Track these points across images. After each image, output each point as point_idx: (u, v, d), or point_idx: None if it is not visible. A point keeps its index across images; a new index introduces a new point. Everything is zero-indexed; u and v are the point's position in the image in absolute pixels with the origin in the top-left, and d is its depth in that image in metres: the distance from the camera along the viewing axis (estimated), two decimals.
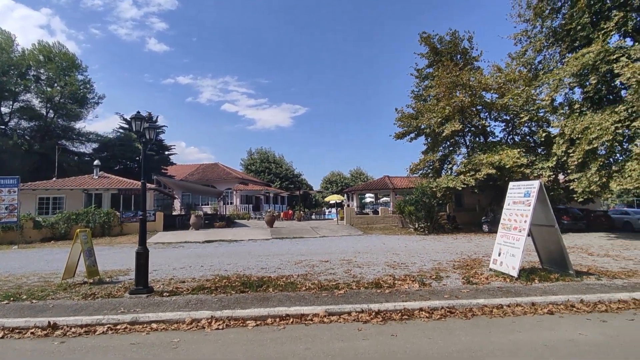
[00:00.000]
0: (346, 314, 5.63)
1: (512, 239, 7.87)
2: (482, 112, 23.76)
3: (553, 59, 20.07)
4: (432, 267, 9.26)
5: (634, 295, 6.05)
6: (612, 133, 14.53)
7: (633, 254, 11.13)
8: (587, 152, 15.66)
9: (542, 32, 19.57)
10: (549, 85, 18.22)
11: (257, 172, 57.84)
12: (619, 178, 14.87)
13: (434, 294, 6.48)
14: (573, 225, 20.03)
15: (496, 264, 8.21)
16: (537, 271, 7.93)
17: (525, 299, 6.02)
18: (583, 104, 17.47)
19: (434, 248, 13.77)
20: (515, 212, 8.07)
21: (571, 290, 6.43)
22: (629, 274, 7.84)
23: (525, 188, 8.05)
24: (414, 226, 21.82)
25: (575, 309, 5.69)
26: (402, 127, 25.23)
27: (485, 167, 19.21)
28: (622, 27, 15.74)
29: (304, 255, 12.14)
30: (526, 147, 21.43)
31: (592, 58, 15.40)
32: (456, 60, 25.16)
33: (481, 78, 22.60)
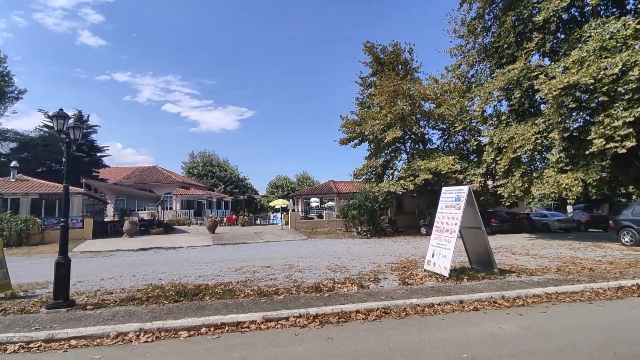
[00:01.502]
0: (284, 319, 5.57)
1: (444, 240, 8.31)
2: (422, 121, 25.04)
3: (484, 73, 21.61)
4: (372, 270, 9.50)
5: (547, 290, 6.66)
6: (533, 143, 15.94)
7: (549, 253, 12.30)
8: (512, 160, 17.05)
9: (474, 48, 21.01)
10: (480, 97, 19.60)
11: (199, 175, 55.84)
12: (539, 184, 16.38)
13: (372, 296, 6.63)
14: (500, 227, 21.75)
15: (430, 265, 8.62)
16: (467, 271, 8.45)
17: (454, 297, 6.37)
18: (509, 116, 18.99)
19: (375, 251, 14.17)
20: (447, 215, 8.53)
21: (495, 288, 6.93)
22: (543, 271, 8.64)
23: (456, 193, 8.54)
24: (357, 230, 22.33)
25: (497, 305, 6.13)
26: (346, 133, 25.83)
27: (423, 172, 20.27)
28: (541, 47, 17.40)
29: (245, 262, 11.87)
30: (460, 154, 22.90)
31: (517, 74, 16.81)
32: (398, 70, 26.30)
33: (420, 88, 23.86)
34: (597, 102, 14.28)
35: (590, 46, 14.29)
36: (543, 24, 16.64)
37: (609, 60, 13.60)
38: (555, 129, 15.29)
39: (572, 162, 15.55)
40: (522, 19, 17.41)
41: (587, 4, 15.53)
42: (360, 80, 28.30)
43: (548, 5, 15.61)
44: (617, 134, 13.30)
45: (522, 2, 17.29)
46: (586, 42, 14.79)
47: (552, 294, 6.55)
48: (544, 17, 15.82)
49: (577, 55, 14.55)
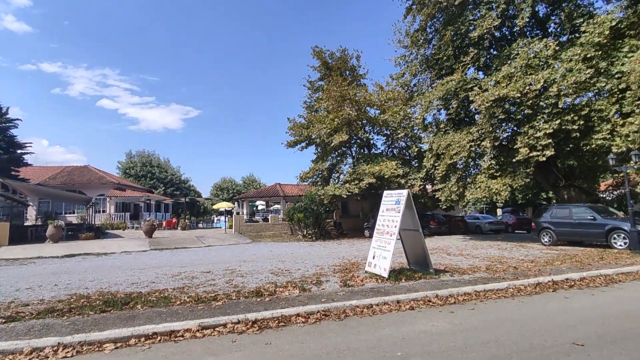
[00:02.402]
0: (221, 326, 5.36)
1: (385, 242, 8.53)
2: (367, 126, 25.75)
3: (425, 83, 22.69)
4: (315, 273, 9.50)
5: (476, 288, 7.09)
6: (467, 150, 17.04)
7: (480, 253, 13.16)
8: (449, 166, 18.10)
9: (417, 58, 22.02)
10: (421, 105, 20.60)
11: (137, 176, 52.68)
12: (472, 188, 17.55)
13: (313, 299, 6.61)
14: (437, 229, 22.97)
15: (371, 266, 8.81)
16: (405, 271, 8.75)
17: (392, 298, 6.54)
18: (447, 124, 20.16)
19: (319, 254, 14.24)
20: (388, 218, 8.78)
21: (430, 287, 7.23)
22: (474, 270, 9.21)
23: (396, 196, 8.82)
24: (303, 233, 22.36)
25: (431, 304, 6.39)
26: (294, 136, 25.84)
27: (367, 176, 20.84)
28: (476, 61, 18.70)
29: (184, 267, 11.33)
30: (402, 159, 23.88)
31: (454, 85, 17.89)
32: (345, 75, 26.87)
33: (366, 94, 24.55)
34: (523, 114, 15.60)
35: (517, 63, 15.61)
36: (478, 40, 17.88)
37: (533, 77, 14.94)
38: (487, 137, 16.47)
39: (501, 169, 16.85)
40: (460, 34, 18.59)
41: (516, 24, 16.96)
42: (308, 84, 28.53)
43: (482, 23, 16.81)
44: (539, 144, 14.65)
45: (460, 18, 18.47)
46: (514, 59, 16.13)
47: (480, 292, 6.97)
48: (479, 33, 17.01)
49: (506, 71, 15.82)
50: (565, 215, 15.08)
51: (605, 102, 14.25)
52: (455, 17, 18.73)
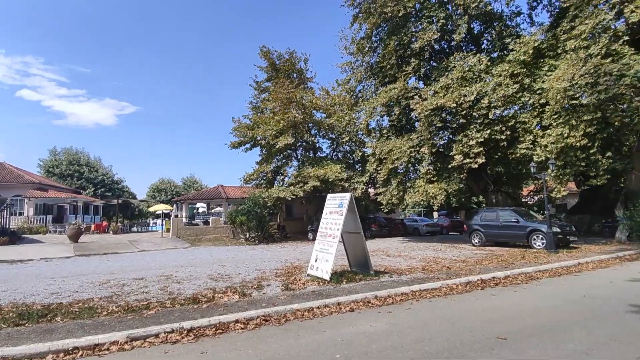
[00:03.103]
0: (153, 336, 5.02)
1: (327, 245, 8.59)
2: (313, 129, 25.92)
3: (370, 90, 23.30)
4: (256, 277, 9.30)
5: (412, 288, 7.37)
6: (408, 156, 17.79)
7: (417, 254, 13.77)
8: (390, 170, 18.77)
9: (362, 65, 22.56)
10: (366, 111, 21.16)
11: (62, 176, 48.22)
12: (411, 192, 18.37)
13: (253, 304, 6.45)
14: (379, 231, 23.71)
15: (313, 269, 8.81)
16: (346, 273, 8.88)
17: (332, 300, 6.58)
18: (389, 130, 20.88)
19: (262, 257, 14.00)
20: (331, 220, 8.86)
21: (370, 288, 7.39)
22: (411, 271, 9.60)
23: (339, 199, 8.94)
24: (245, 236, 21.88)
25: (371, 305, 6.53)
26: (238, 136, 25.30)
27: (312, 179, 20.97)
28: (417, 71, 19.62)
29: (114, 274, 10.51)
30: (347, 163, 24.36)
31: (397, 93, 18.60)
32: (292, 78, 26.86)
33: (313, 98, 24.74)
34: (458, 123, 16.64)
35: (454, 75, 16.64)
36: (419, 51, 18.79)
37: (467, 89, 16.00)
38: (426, 144, 17.34)
39: (438, 174, 17.83)
40: (403, 45, 19.40)
41: (453, 39, 18.08)
42: (254, 85, 28.13)
43: (424, 36, 17.69)
44: (472, 152, 15.71)
45: (403, 29, 19.29)
46: (451, 71, 17.16)
47: (416, 292, 7.26)
48: (420, 45, 17.88)
49: (444, 82, 16.79)
50: (493, 218, 16.30)
51: (529, 115, 15.66)
52: (399, 28, 19.53)
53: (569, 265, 10.21)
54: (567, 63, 13.75)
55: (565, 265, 10.14)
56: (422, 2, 19.22)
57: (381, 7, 18.70)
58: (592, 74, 12.70)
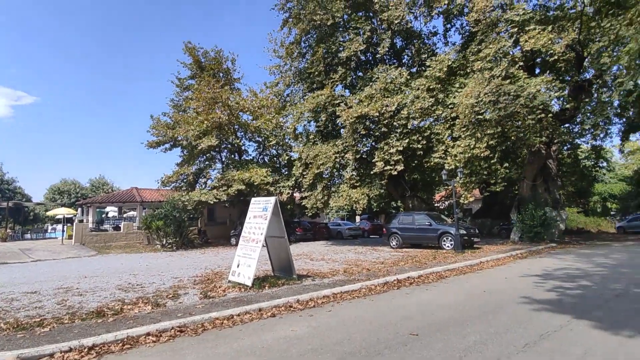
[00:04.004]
0: (47, 356, 4.43)
1: (250, 250, 8.37)
2: (239, 132, 25.29)
3: (298, 95, 23.37)
4: (172, 285, 8.73)
5: (334, 291, 7.51)
6: (333, 161, 18.23)
7: (340, 257, 14.11)
8: (316, 175, 19.05)
9: (291, 70, 22.58)
10: (293, 116, 21.23)
11: None
12: (336, 197, 18.84)
13: (167, 315, 6.03)
14: (303, 235, 23.89)
15: (235, 275, 8.53)
16: (269, 278, 8.74)
17: (254, 306, 6.41)
18: (316, 135, 21.20)
19: (180, 264, 13.21)
20: (255, 225, 8.67)
21: (292, 293, 7.35)
22: (333, 273, 9.79)
23: (264, 203, 8.78)
24: (162, 242, 20.48)
25: (293, 309, 6.49)
26: (157, 135, 23.71)
27: (237, 182, 20.42)
28: (343, 80, 20.24)
29: (0, 288, 9.08)
30: (273, 167, 24.19)
31: (324, 100, 18.97)
32: (219, 77, 25.95)
33: (240, 100, 24.17)
34: (380, 131, 17.49)
35: (377, 86, 17.47)
36: (346, 61, 19.41)
37: (389, 99, 16.91)
38: (350, 150, 17.94)
39: (360, 180, 18.55)
40: (331, 53, 19.90)
41: (378, 52, 18.98)
42: (177, 81, 26.57)
43: (350, 46, 18.33)
44: (392, 159, 16.62)
45: (332, 38, 19.80)
46: (375, 82, 18.00)
47: (338, 294, 7.41)
48: (347, 55, 18.48)
49: (368, 92, 17.54)
50: (409, 221, 17.39)
51: (442, 127, 17.06)
52: (328, 36, 20.01)
53: (473, 264, 11.27)
54: (475, 82, 15.28)
55: (469, 264, 11.18)
56: (350, 14, 19.94)
57: (311, 14, 19.01)
58: (494, 92, 14.28)
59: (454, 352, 4.25)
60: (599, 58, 16.14)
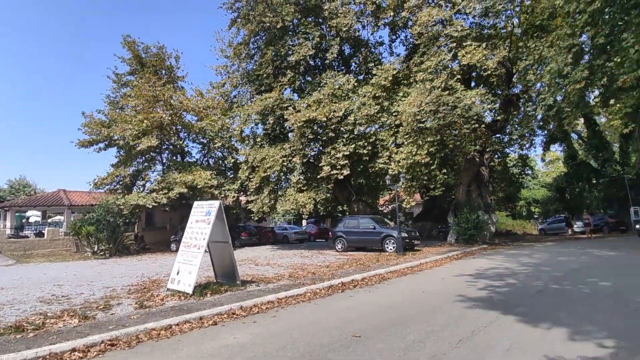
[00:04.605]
0: None
1: (191, 256, 8.03)
2: (182, 132, 24.28)
3: (245, 96, 22.91)
4: (103, 296, 8.10)
5: (278, 296, 7.42)
6: (280, 165, 18.10)
7: (285, 261, 14.01)
8: (263, 179, 18.81)
9: (238, 70, 22.09)
10: (240, 118, 20.84)
11: None
12: (282, 201, 18.73)
13: (97, 327, 5.58)
14: (249, 240, 23.42)
15: (174, 283, 8.12)
16: (211, 285, 8.42)
17: (194, 315, 6.14)
18: (263, 138, 20.95)
19: (113, 273, 12.31)
20: (197, 230, 8.33)
21: (235, 299, 7.14)
22: (278, 278, 9.68)
23: (207, 207, 8.48)
24: (93, 249, 18.97)
25: (235, 316, 6.30)
26: (90, 134, 22.03)
27: (179, 185, 19.55)
28: (292, 84, 20.24)
29: None
30: (218, 170, 23.50)
31: (272, 103, 18.81)
32: (161, 75, 24.78)
33: (184, 99, 23.21)
34: (327, 136, 17.68)
35: (326, 91, 17.70)
36: (295, 65, 19.43)
37: (336, 105, 17.19)
38: (298, 154, 17.96)
39: (307, 184, 18.63)
40: (280, 56, 19.82)
41: (327, 58, 19.25)
42: (114, 77, 24.94)
43: (300, 50, 18.40)
44: (339, 164, 16.88)
45: (281, 41, 19.74)
46: (323, 87, 18.23)
47: (282, 299, 7.33)
48: (296, 59, 18.53)
49: (316, 97, 17.71)
50: (354, 225, 17.74)
51: (386, 133, 17.68)
52: (277, 39, 19.92)
53: (413, 266, 11.76)
54: (417, 91, 16.04)
55: (410, 266, 11.65)
56: (300, 19, 20.04)
57: (260, 15, 18.83)
58: (435, 103, 15.08)
59: (394, 351, 4.37)
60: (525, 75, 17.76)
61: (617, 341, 4.42)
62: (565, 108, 15.04)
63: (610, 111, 21.17)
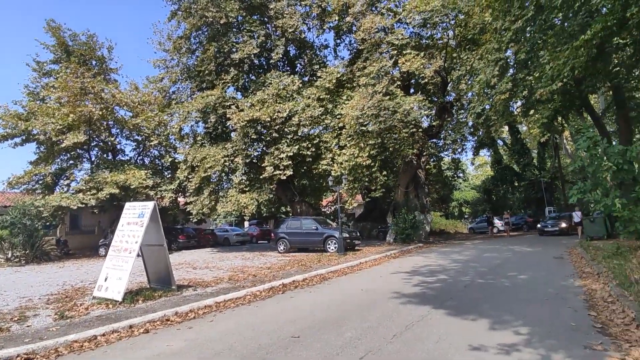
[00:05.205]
0: None
1: (122, 261, 7.52)
2: (114, 128, 22.65)
3: (185, 93, 21.84)
4: (18, 307, 7.28)
5: (217, 300, 7.18)
6: (222, 165, 17.59)
7: (225, 264, 13.62)
8: (203, 179, 18.16)
9: (178, 65, 21.05)
10: (180, 115, 19.92)
11: None
12: (224, 202, 18.22)
13: (12, 341, 5.05)
14: (187, 243, 22.46)
15: (101, 290, 7.54)
16: (144, 291, 7.93)
17: (123, 323, 5.74)
18: (204, 137, 20.18)
19: (29, 281, 11.10)
20: (128, 233, 7.83)
21: (170, 305, 6.79)
22: (217, 282, 9.37)
23: (140, 209, 8.00)
24: (7, 256, 16.93)
25: (170, 322, 5.99)
26: (4, 127, 19.71)
27: (109, 186, 18.21)
28: (235, 82, 19.72)
29: None
30: (154, 169, 22.23)
31: (214, 100, 18.19)
32: (91, 65, 22.94)
33: (117, 92, 21.64)
34: (271, 137, 17.51)
35: (270, 91, 17.54)
36: (239, 63, 18.99)
37: (281, 105, 17.11)
38: (240, 154, 17.59)
39: (250, 185, 18.32)
40: (223, 53, 19.25)
41: (272, 57, 19.04)
42: (35, 65, 22.56)
43: (244, 48, 18.02)
44: (282, 164, 16.81)
45: (225, 38, 19.19)
46: (268, 87, 18.04)
47: (221, 303, 7.10)
48: (240, 56, 18.12)
49: (260, 96, 17.48)
50: (297, 226, 17.75)
51: (330, 135, 17.94)
52: (220, 36, 19.33)
53: (353, 265, 12.04)
54: (360, 95, 16.47)
55: (350, 265, 11.91)
56: (245, 16, 19.65)
57: (202, 10, 18.15)
58: (376, 107, 15.60)
59: (332, 349, 4.43)
60: (458, 84, 19.08)
61: (530, 328, 4.88)
62: (492, 116, 16.40)
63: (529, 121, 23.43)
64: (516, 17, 11.38)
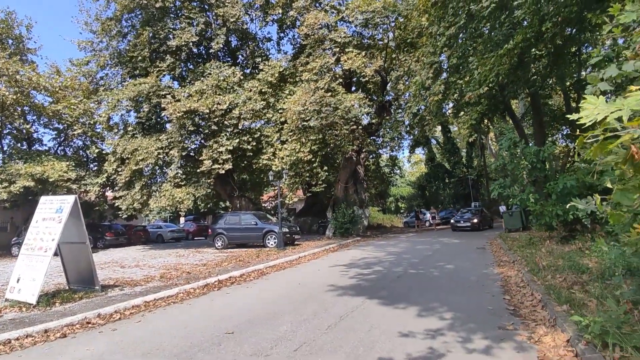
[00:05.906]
0: None
1: (36, 260, 6.83)
2: (30, 115, 20.39)
3: (115, 79, 20.33)
4: None
5: (146, 299, 6.81)
6: (155, 157, 16.60)
7: (157, 262, 12.96)
8: (134, 172, 17.04)
9: (107, 49, 19.46)
10: (108, 103, 18.50)
11: None
12: (157, 197, 17.26)
13: None
14: (115, 240, 20.93)
15: (13, 292, 6.82)
16: (62, 293, 7.28)
17: (38, 327, 5.24)
18: (136, 128, 18.88)
19: None
20: (44, 229, 7.13)
21: (92, 307, 6.31)
22: (147, 280, 8.88)
23: (58, 203, 7.31)
24: None
25: (91, 325, 5.57)
26: None
27: (23, 178, 16.38)
28: (172, 70, 18.64)
29: None
30: (78, 161, 20.43)
31: (147, 89, 17.07)
32: (7, 45, 20.43)
33: (34, 75, 19.44)
34: (210, 129, 16.91)
35: (209, 82, 16.88)
36: (176, 50, 18.02)
37: (221, 97, 16.56)
38: (176, 147, 16.77)
39: (186, 179, 17.53)
40: (159, 39, 18.15)
41: (212, 47, 18.30)
42: None
43: (182, 35, 17.15)
44: (221, 158, 16.30)
45: (161, 23, 18.10)
46: (207, 77, 17.34)
47: (150, 302, 6.74)
48: (177, 44, 17.21)
49: (199, 87, 16.78)
50: (236, 221, 17.34)
51: (271, 130, 17.76)
52: (156, 20, 18.19)
53: (292, 260, 12.08)
54: (302, 91, 16.49)
55: (289, 260, 11.94)
56: (183, 1, 18.70)
57: None
58: (318, 103, 15.73)
59: (266, 343, 4.42)
60: (396, 84, 19.87)
61: (454, 313, 5.27)
62: (426, 116, 17.34)
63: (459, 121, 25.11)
64: (450, 23, 12.10)
